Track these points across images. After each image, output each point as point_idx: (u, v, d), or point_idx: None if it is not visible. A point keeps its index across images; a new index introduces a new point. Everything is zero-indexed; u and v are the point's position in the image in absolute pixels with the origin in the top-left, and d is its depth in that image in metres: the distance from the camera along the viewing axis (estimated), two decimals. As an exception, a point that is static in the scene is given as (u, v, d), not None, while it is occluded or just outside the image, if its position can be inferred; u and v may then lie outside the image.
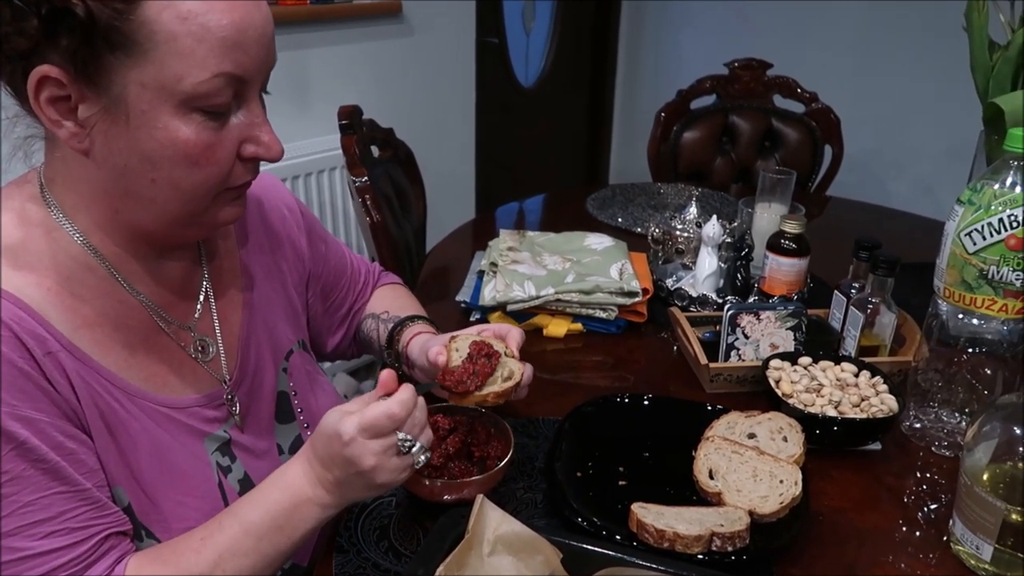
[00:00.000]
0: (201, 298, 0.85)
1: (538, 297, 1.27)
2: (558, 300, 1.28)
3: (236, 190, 0.76)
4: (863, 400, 1.01)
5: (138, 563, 0.71)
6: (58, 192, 0.74)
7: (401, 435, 0.74)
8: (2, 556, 0.64)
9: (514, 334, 0.94)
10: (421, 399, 0.77)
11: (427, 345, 0.94)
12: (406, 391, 0.75)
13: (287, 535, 0.74)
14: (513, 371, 0.88)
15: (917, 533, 0.87)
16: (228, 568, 0.72)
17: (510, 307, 1.28)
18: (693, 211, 1.45)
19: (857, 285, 1.18)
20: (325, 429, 0.74)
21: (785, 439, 0.95)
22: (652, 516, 0.81)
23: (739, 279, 1.37)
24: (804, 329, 1.16)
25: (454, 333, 0.94)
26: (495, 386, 0.86)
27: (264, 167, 0.79)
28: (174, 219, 0.74)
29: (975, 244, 0.91)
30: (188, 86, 0.66)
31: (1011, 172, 0.90)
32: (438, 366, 0.87)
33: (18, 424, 0.65)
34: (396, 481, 0.75)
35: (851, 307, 1.15)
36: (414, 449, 0.75)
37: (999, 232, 0.89)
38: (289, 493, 0.75)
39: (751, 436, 0.96)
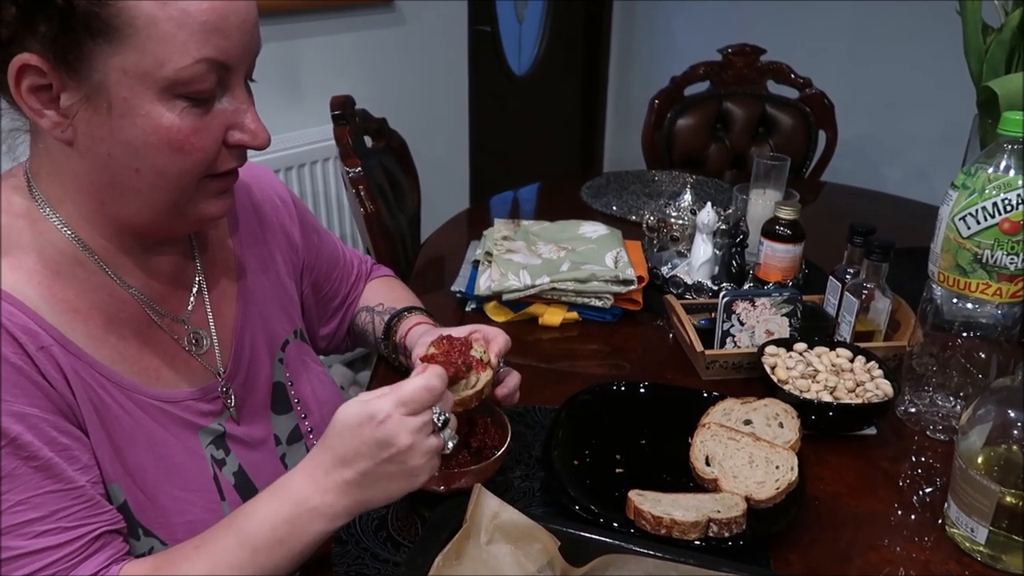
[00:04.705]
0: (194, 290, 0.85)
1: (533, 286, 1.27)
2: (553, 289, 1.28)
3: (222, 180, 0.75)
4: (858, 385, 1.02)
5: (132, 570, 0.69)
6: (44, 185, 0.73)
7: (436, 410, 0.71)
8: None
9: (499, 341, 0.90)
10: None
11: (425, 339, 0.91)
12: (439, 367, 0.73)
13: (288, 547, 0.69)
14: (477, 381, 0.82)
15: (912, 517, 0.88)
16: None
17: (505, 296, 1.28)
18: (688, 198, 1.45)
19: (852, 270, 1.18)
20: (347, 419, 0.69)
21: (781, 425, 0.95)
22: (649, 503, 0.81)
23: (734, 266, 1.37)
24: (799, 315, 1.16)
25: (446, 332, 0.89)
26: (457, 393, 0.80)
27: (257, 157, 0.78)
28: (160, 210, 0.73)
29: (969, 228, 0.91)
30: (170, 72, 0.65)
31: (1005, 156, 0.90)
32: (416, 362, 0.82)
33: (11, 420, 0.64)
34: (427, 467, 0.70)
35: (846, 292, 1.15)
36: (446, 428, 0.72)
37: (993, 216, 0.90)
38: (291, 504, 0.70)
39: (747, 422, 0.96)
